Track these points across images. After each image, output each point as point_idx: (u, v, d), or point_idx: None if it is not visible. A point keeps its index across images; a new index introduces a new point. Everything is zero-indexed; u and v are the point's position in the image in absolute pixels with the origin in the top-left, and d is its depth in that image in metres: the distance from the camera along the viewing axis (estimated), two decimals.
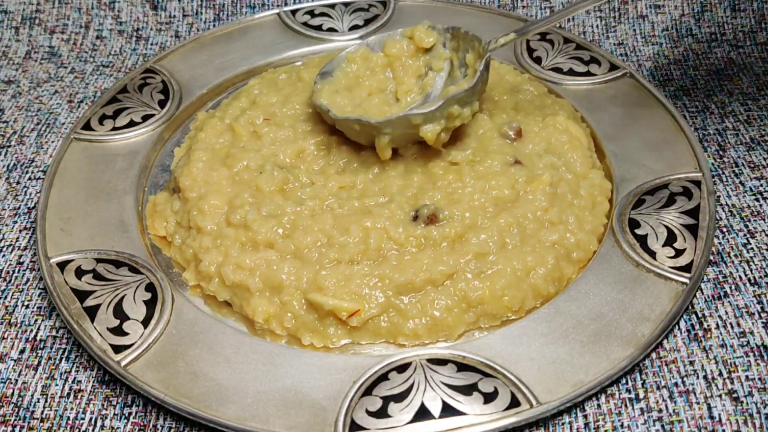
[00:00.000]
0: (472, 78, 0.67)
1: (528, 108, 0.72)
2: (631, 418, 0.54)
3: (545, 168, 0.65)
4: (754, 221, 0.66)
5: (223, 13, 0.91)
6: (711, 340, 0.58)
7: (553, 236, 0.61)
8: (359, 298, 0.58)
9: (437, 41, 0.71)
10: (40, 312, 0.62)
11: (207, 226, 0.63)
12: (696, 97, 0.79)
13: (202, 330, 0.57)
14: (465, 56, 0.70)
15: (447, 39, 0.71)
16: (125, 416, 0.55)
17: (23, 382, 0.58)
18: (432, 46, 0.71)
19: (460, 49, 0.70)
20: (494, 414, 0.51)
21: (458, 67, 0.70)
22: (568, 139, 0.69)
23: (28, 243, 0.68)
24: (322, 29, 0.84)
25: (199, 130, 0.72)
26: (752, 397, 0.54)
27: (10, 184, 0.73)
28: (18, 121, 0.79)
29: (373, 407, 0.52)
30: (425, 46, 0.71)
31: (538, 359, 0.55)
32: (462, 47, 0.70)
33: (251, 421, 0.52)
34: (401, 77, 0.72)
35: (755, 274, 0.62)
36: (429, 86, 0.71)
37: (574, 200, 0.64)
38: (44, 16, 0.90)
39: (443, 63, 0.71)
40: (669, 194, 0.65)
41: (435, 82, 0.71)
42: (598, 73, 0.77)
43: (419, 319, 0.58)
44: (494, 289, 0.58)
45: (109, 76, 0.85)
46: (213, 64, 0.81)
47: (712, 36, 0.86)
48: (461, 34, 0.70)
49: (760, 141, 0.74)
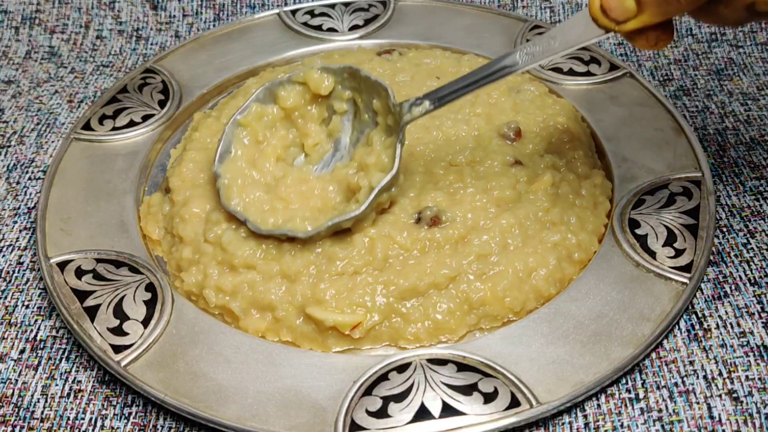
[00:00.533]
0: (384, 131, 0.62)
1: (528, 108, 0.72)
2: (631, 418, 0.54)
3: (546, 168, 0.65)
4: (754, 221, 0.66)
5: (223, 13, 0.91)
6: (711, 340, 0.58)
7: (555, 237, 0.61)
8: (360, 306, 0.57)
9: (334, 83, 0.64)
10: (40, 312, 0.62)
11: (188, 235, 0.62)
12: (696, 97, 0.79)
13: (202, 330, 0.57)
14: (371, 100, 0.63)
15: (345, 79, 0.64)
16: (125, 416, 0.55)
17: (23, 382, 0.58)
18: (330, 90, 0.64)
19: (362, 90, 0.63)
20: (494, 414, 0.51)
21: (364, 110, 0.64)
22: (570, 139, 0.69)
23: (28, 243, 0.68)
24: (322, 29, 0.84)
25: (195, 129, 0.72)
26: (752, 397, 0.54)
27: (10, 184, 0.73)
28: (18, 121, 0.79)
29: (373, 407, 0.52)
30: (322, 93, 0.64)
31: (538, 359, 0.55)
32: (364, 89, 0.63)
33: (251, 421, 0.52)
34: (304, 128, 0.66)
35: (755, 274, 0.62)
36: (337, 131, 0.65)
37: (575, 200, 0.64)
38: (44, 16, 0.90)
39: (346, 104, 0.65)
40: (669, 194, 0.65)
41: (342, 126, 0.65)
42: (598, 73, 0.77)
43: (421, 323, 0.57)
44: (496, 290, 0.58)
45: (109, 76, 0.85)
46: (213, 64, 0.81)
47: (712, 36, 0.86)
48: (361, 77, 0.63)
49: (760, 141, 0.74)
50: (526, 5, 0.90)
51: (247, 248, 0.60)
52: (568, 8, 0.89)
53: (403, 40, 0.82)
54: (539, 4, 0.90)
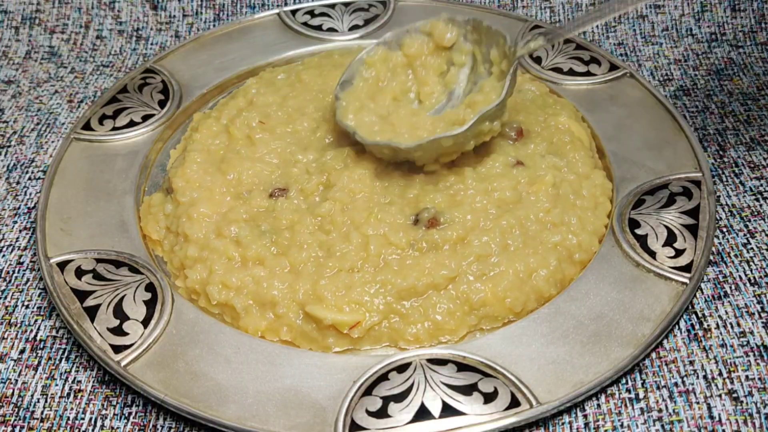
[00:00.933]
0: (497, 79, 0.65)
1: (530, 108, 0.72)
2: (631, 417, 0.54)
3: (548, 169, 0.65)
4: (754, 221, 0.66)
5: (223, 13, 0.91)
6: (711, 340, 0.58)
7: (556, 237, 0.61)
8: (360, 306, 0.57)
9: (458, 36, 0.68)
10: (40, 312, 0.62)
11: (194, 234, 0.62)
12: (696, 97, 0.79)
13: (202, 330, 0.57)
14: (489, 51, 0.67)
15: (468, 31, 0.68)
16: (125, 416, 0.55)
17: (23, 382, 0.58)
18: (453, 43, 0.68)
19: (482, 42, 0.67)
20: (494, 414, 0.51)
21: (482, 62, 0.67)
22: (571, 139, 0.69)
23: (28, 243, 0.68)
24: (322, 29, 0.84)
25: (195, 130, 0.72)
26: (752, 397, 0.54)
27: (10, 184, 0.73)
28: (18, 121, 0.79)
29: (373, 407, 0.52)
30: (446, 45, 0.68)
31: (538, 359, 0.55)
32: (485, 41, 0.67)
33: (251, 421, 0.52)
34: (423, 77, 0.69)
35: (755, 274, 0.62)
36: (452, 83, 0.69)
37: (576, 201, 0.64)
38: (44, 16, 0.90)
39: (465, 57, 0.68)
40: (669, 194, 0.65)
41: (458, 78, 0.69)
42: (598, 73, 0.77)
43: (421, 324, 0.57)
44: (496, 291, 0.58)
45: (109, 76, 0.85)
46: (213, 64, 0.81)
47: (712, 36, 0.86)
48: (483, 28, 0.67)
49: (760, 141, 0.74)
50: (526, 5, 0.90)
51: (262, 242, 0.60)
52: (568, 8, 0.89)
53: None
54: (539, 4, 0.90)
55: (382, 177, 0.65)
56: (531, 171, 0.65)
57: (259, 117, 0.70)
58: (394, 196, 0.64)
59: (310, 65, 0.78)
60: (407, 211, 0.62)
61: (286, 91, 0.74)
